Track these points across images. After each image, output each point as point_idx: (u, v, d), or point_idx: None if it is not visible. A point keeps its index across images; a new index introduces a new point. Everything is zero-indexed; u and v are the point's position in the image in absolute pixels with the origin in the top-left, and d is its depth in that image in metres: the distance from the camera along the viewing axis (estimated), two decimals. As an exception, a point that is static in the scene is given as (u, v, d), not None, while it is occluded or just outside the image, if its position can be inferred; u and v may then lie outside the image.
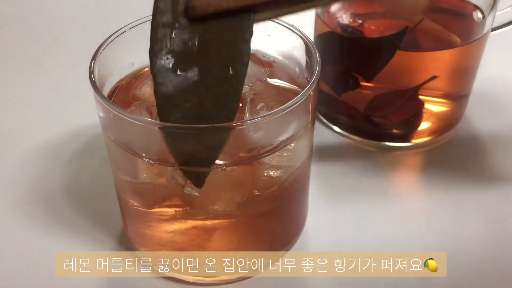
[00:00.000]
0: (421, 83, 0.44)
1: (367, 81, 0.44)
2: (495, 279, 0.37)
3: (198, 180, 0.29)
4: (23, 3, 0.69)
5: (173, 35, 0.28)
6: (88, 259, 0.38)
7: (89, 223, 0.40)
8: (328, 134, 0.49)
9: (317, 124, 0.50)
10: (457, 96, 0.47)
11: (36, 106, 0.52)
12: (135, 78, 0.37)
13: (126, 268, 0.37)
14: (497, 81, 0.55)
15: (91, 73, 0.31)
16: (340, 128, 0.49)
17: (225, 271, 0.35)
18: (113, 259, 0.38)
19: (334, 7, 0.46)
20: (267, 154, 0.31)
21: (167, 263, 0.36)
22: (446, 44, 0.44)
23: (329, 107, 0.49)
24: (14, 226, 0.40)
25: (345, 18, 0.46)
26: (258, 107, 0.32)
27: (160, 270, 0.37)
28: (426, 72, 0.44)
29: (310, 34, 0.46)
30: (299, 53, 0.35)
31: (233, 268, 0.35)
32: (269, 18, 0.30)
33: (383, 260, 0.38)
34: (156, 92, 0.27)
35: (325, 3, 0.29)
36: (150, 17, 0.35)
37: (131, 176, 0.33)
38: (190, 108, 0.28)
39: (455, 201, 0.42)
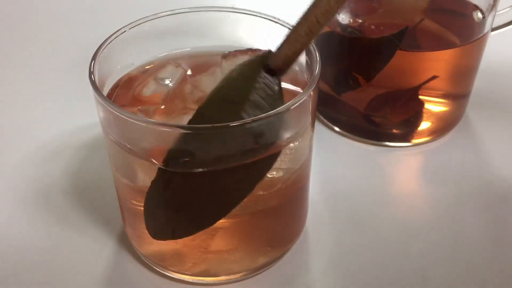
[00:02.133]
0: (421, 83, 0.44)
1: (367, 81, 0.44)
2: (495, 279, 0.37)
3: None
4: (23, 3, 0.69)
5: None
6: (88, 259, 0.38)
7: (89, 223, 0.40)
8: (328, 134, 0.49)
9: (317, 124, 0.50)
10: (457, 96, 0.47)
11: (36, 106, 0.52)
12: (135, 77, 0.37)
13: (126, 268, 0.37)
14: (497, 81, 0.55)
15: (91, 73, 0.31)
16: (340, 128, 0.49)
17: (225, 271, 0.35)
18: (113, 259, 0.38)
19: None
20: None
21: (167, 263, 0.36)
22: (446, 44, 0.44)
23: (329, 107, 0.49)
24: (14, 226, 0.40)
25: (345, 18, 0.46)
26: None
27: (160, 270, 0.37)
28: (426, 72, 0.44)
29: (310, 34, 0.46)
30: (299, 53, 0.35)
31: (233, 268, 0.35)
32: None
33: (383, 260, 0.38)
34: None
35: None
36: (150, 17, 0.36)
37: (130, 176, 0.33)
38: None
39: (455, 201, 0.42)
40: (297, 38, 0.29)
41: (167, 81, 0.36)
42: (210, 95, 0.30)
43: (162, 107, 0.34)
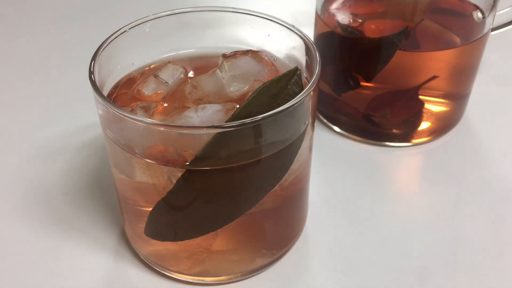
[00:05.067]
0: (421, 83, 0.44)
1: (367, 81, 0.44)
2: (495, 279, 0.37)
3: None
4: (23, 3, 0.70)
5: None
6: (88, 259, 0.38)
7: (89, 223, 0.40)
8: (328, 134, 0.49)
9: (317, 124, 0.50)
10: (457, 96, 0.47)
11: (36, 106, 0.52)
12: (136, 78, 0.37)
13: (126, 268, 0.37)
14: (497, 81, 0.55)
15: (91, 73, 0.31)
16: (340, 128, 0.49)
17: (225, 271, 0.35)
18: (113, 259, 0.38)
19: (334, 7, 0.46)
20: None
21: (167, 263, 0.36)
22: (446, 44, 0.44)
23: (329, 107, 0.49)
24: (14, 226, 0.40)
25: (345, 18, 0.46)
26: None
27: (160, 270, 0.37)
28: (426, 72, 0.44)
29: (310, 34, 0.46)
30: (299, 53, 0.35)
31: (233, 268, 0.35)
32: None
33: (382, 260, 0.38)
34: None
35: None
36: (150, 17, 0.36)
37: (130, 175, 0.33)
38: None
39: (455, 201, 0.42)
40: None
41: (167, 81, 0.36)
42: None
43: (162, 105, 0.34)
